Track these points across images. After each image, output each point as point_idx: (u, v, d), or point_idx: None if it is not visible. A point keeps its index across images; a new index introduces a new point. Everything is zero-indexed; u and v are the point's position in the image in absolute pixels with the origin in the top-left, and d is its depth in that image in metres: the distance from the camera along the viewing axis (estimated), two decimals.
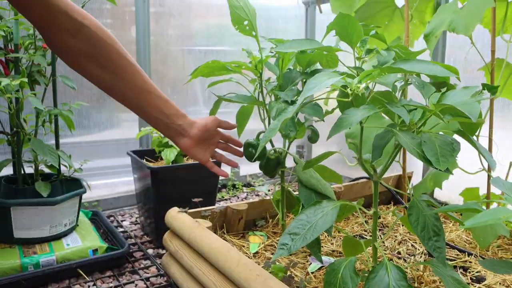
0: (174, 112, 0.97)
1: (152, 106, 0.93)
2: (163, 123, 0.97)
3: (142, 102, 0.92)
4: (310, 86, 0.72)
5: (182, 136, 1.01)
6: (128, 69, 0.88)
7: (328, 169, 1.28)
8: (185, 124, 1.00)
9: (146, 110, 0.94)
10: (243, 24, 1.05)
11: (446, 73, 0.69)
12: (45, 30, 0.79)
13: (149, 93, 0.92)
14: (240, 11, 1.02)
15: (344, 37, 0.89)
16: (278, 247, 0.82)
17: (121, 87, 0.88)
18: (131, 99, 0.91)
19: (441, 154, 0.72)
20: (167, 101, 0.96)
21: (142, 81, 0.90)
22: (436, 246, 0.80)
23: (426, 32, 1.30)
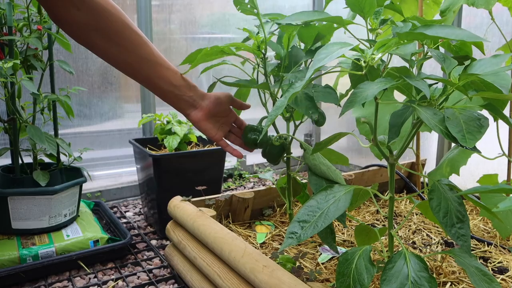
0: (184, 83, 0.94)
1: (161, 78, 0.91)
2: (173, 95, 0.94)
3: (150, 74, 0.89)
4: (320, 56, 0.65)
5: (193, 107, 0.97)
6: (135, 41, 0.85)
7: (334, 152, 1.21)
8: (196, 96, 0.96)
9: (155, 82, 0.91)
10: (244, 2, 0.98)
11: (473, 37, 0.61)
12: (49, 3, 0.77)
13: (158, 65, 0.89)
14: None
15: (356, 7, 0.81)
16: (287, 236, 0.75)
17: (128, 59, 0.86)
18: (139, 71, 0.89)
19: (467, 130, 0.64)
20: (176, 72, 0.93)
21: (149, 53, 0.88)
22: (460, 233, 0.72)
23: (442, 8, 1.21)
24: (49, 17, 0.80)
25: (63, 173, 1.53)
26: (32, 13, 1.37)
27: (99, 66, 2.02)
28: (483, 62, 0.67)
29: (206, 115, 0.98)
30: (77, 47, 1.94)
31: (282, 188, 1.25)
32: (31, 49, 1.39)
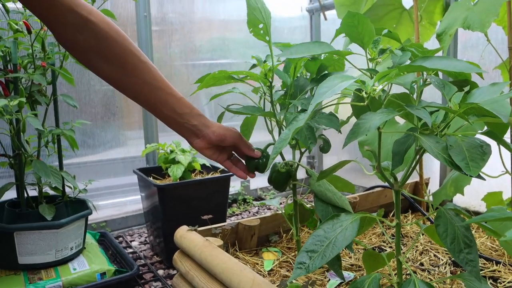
0: (188, 111, 0.93)
1: (163, 104, 0.90)
2: (176, 122, 0.93)
3: (153, 99, 0.89)
4: (322, 90, 0.67)
5: (196, 136, 0.96)
6: (137, 65, 0.86)
7: (341, 179, 1.22)
8: (200, 125, 0.95)
9: (157, 107, 0.90)
10: (258, 27, 0.99)
11: (471, 68, 0.63)
12: (52, 25, 0.79)
13: (160, 90, 0.89)
14: (257, 12, 0.97)
15: (355, 37, 0.83)
16: (295, 267, 0.75)
17: (131, 83, 0.87)
18: (141, 95, 0.89)
19: (470, 158, 0.65)
20: (180, 99, 0.92)
21: (152, 78, 0.87)
22: (468, 259, 0.73)
23: (439, 31, 1.24)
24: (55, 38, 0.81)
25: (68, 205, 1.54)
26: (36, 49, 1.40)
27: (102, 97, 2.05)
28: (482, 90, 0.69)
29: (208, 145, 0.98)
30: (80, 79, 1.97)
31: (289, 215, 1.25)
32: (35, 84, 1.41)
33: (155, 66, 0.89)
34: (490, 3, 1.12)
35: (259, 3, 0.99)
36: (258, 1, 1.00)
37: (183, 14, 2.35)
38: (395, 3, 1.69)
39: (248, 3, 0.97)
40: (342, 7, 1.83)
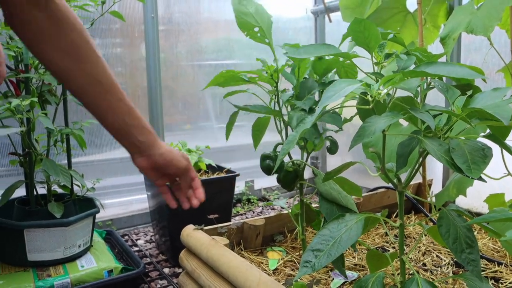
0: (136, 123, 0.81)
1: (110, 109, 0.78)
2: (120, 133, 0.81)
3: (99, 101, 0.77)
4: (329, 94, 0.69)
5: (140, 154, 0.84)
6: (90, 58, 0.75)
7: (348, 181, 1.24)
8: (147, 142, 0.83)
9: (103, 112, 0.78)
10: (253, 30, 1.01)
11: (473, 74, 0.65)
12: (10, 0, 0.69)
13: (108, 93, 0.77)
14: (249, 17, 0.99)
15: (361, 42, 0.85)
16: (301, 265, 0.77)
17: (80, 77, 0.75)
18: (88, 94, 0.77)
19: (472, 161, 0.67)
20: (131, 108, 0.80)
21: (103, 75, 0.76)
22: (470, 259, 0.75)
23: (442, 35, 1.26)
24: (4, 17, 0.72)
25: (76, 204, 1.56)
26: None
27: None
28: (485, 95, 0.71)
29: (152, 167, 0.86)
30: None
31: (295, 215, 1.27)
32: (45, 84, 1.44)
33: (107, 65, 0.79)
34: (493, 8, 1.14)
35: (252, 8, 1.01)
36: (251, 6, 1.01)
37: (190, 15, 2.37)
38: (399, 6, 1.71)
39: (234, 7, 0.99)
40: (347, 10, 1.85)
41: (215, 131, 2.52)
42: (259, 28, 1.01)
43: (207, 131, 2.50)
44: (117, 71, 2.16)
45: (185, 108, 2.41)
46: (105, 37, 2.11)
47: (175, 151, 0.88)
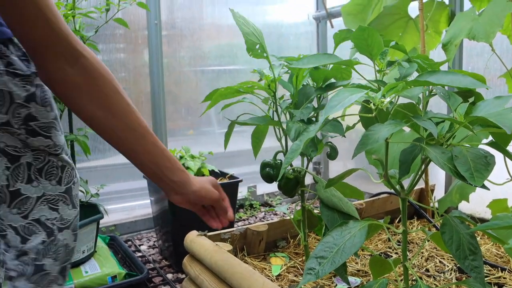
0: (170, 165, 0.87)
1: (145, 153, 0.83)
2: (154, 175, 0.86)
3: (135, 146, 0.82)
4: (333, 103, 0.69)
5: (175, 193, 0.90)
6: (123, 108, 0.80)
7: (349, 186, 1.24)
8: (180, 182, 0.89)
9: (139, 156, 0.83)
10: (255, 49, 1.03)
11: (476, 84, 0.65)
12: (41, 56, 0.73)
13: (144, 138, 0.82)
14: (252, 36, 1.00)
15: (364, 50, 0.86)
16: (305, 272, 0.78)
17: (114, 127, 0.80)
18: (123, 141, 0.82)
19: (475, 168, 0.68)
20: (164, 150, 0.86)
21: (137, 123, 0.81)
22: (473, 265, 0.75)
23: (444, 41, 1.26)
24: (39, 75, 0.76)
25: (81, 209, 1.56)
26: None
27: None
28: (488, 103, 0.71)
29: (187, 201, 0.92)
30: None
31: (298, 221, 1.28)
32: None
33: (138, 111, 0.83)
34: (494, 14, 1.15)
35: (250, 27, 1.03)
36: (248, 24, 1.03)
37: (192, 21, 2.39)
38: (401, 12, 1.72)
39: (242, 31, 1.00)
40: (349, 16, 1.86)
41: (217, 136, 2.53)
42: (259, 44, 1.03)
43: (209, 137, 2.51)
44: (121, 76, 2.17)
45: (188, 114, 2.42)
46: (109, 42, 2.12)
47: (207, 184, 0.95)
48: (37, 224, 0.84)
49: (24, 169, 0.82)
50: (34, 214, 0.83)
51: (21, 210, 0.82)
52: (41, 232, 0.84)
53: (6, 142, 0.78)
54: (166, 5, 2.29)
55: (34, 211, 0.83)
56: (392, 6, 1.70)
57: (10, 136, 0.80)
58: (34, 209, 0.83)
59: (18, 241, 0.81)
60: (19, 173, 0.81)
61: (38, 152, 0.83)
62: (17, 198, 0.82)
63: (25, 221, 0.83)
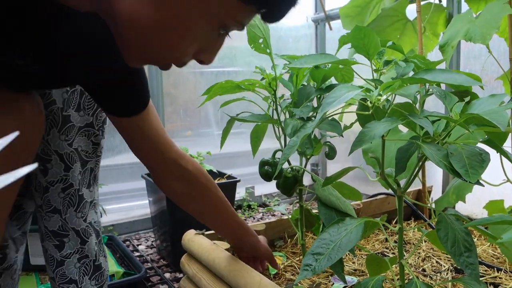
0: (244, 232, 1.15)
1: (228, 227, 1.14)
2: (234, 240, 1.18)
3: (221, 225, 1.14)
4: (329, 100, 0.70)
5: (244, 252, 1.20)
6: (218, 205, 1.06)
7: (347, 186, 1.25)
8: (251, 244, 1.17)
9: (223, 229, 1.17)
10: (258, 42, 1.04)
11: (471, 82, 0.66)
12: (155, 171, 0.96)
13: (228, 219, 1.10)
14: (256, 29, 1.01)
15: (361, 49, 0.87)
16: (302, 268, 0.79)
17: (209, 216, 1.08)
18: (213, 222, 1.13)
19: (470, 165, 0.69)
20: (241, 223, 1.14)
21: (225, 211, 1.08)
22: (468, 262, 0.76)
23: (441, 43, 1.28)
24: (153, 179, 1.00)
25: None
26: None
27: None
28: (482, 101, 0.72)
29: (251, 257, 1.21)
30: None
31: (295, 220, 1.28)
32: None
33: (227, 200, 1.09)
34: (491, 16, 1.16)
35: (257, 19, 1.03)
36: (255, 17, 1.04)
37: None
38: (399, 15, 1.73)
39: None
40: (347, 18, 1.87)
41: (216, 137, 2.53)
42: (263, 39, 1.04)
43: (208, 138, 2.52)
44: None
45: (186, 115, 2.43)
46: None
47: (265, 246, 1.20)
48: (91, 227, 0.95)
49: (88, 175, 0.94)
50: (88, 218, 0.96)
51: (82, 212, 0.93)
52: (93, 233, 0.96)
53: (82, 146, 0.91)
54: None
55: (88, 215, 0.95)
56: (390, 8, 1.72)
57: (86, 140, 0.91)
58: (89, 212, 0.95)
59: (79, 243, 0.93)
60: (85, 178, 0.92)
61: (98, 159, 0.96)
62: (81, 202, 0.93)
63: (85, 224, 0.93)
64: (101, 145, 0.98)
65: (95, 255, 0.96)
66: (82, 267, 0.93)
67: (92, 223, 0.96)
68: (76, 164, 0.90)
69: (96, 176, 0.99)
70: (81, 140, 0.92)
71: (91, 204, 0.97)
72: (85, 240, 0.93)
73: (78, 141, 0.92)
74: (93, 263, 0.95)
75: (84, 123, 0.91)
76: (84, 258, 0.93)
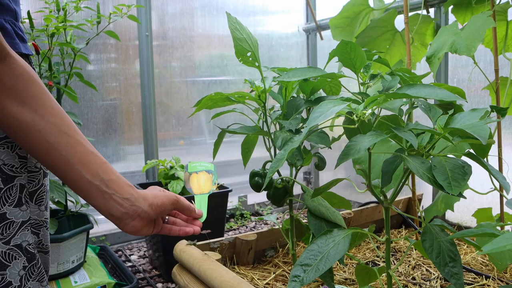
0: (116, 178, 0.70)
1: (85, 165, 0.68)
2: (99, 192, 0.68)
3: (69, 154, 0.68)
4: (315, 114, 0.72)
5: (130, 217, 0.71)
6: (53, 109, 0.68)
7: (337, 196, 1.27)
8: (133, 198, 0.71)
9: (75, 168, 0.68)
10: (246, 55, 1.05)
11: (452, 97, 0.68)
12: None
13: (80, 144, 0.68)
14: (243, 43, 1.02)
15: (347, 63, 0.89)
16: (290, 279, 0.80)
17: (44, 130, 0.67)
18: (54, 149, 0.68)
19: (453, 178, 0.70)
20: (105, 162, 0.70)
21: (71, 128, 0.69)
22: (453, 272, 0.77)
23: (428, 55, 1.30)
24: None
25: (70, 219, 1.57)
26: (43, 69, 1.45)
27: (103, 113, 2.10)
28: (464, 115, 0.74)
29: (145, 223, 0.74)
30: (83, 96, 2.03)
31: (286, 230, 1.29)
32: None
33: None
34: (475, 29, 1.19)
35: (245, 33, 1.05)
36: (243, 31, 1.05)
37: (184, 32, 2.41)
38: (387, 25, 1.76)
39: (233, 35, 1.02)
40: (337, 29, 1.90)
41: (209, 146, 2.54)
42: (251, 52, 1.05)
43: (200, 147, 2.53)
44: (112, 86, 2.19)
45: (178, 124, 2.44)
46: (100, 53, 2.14)
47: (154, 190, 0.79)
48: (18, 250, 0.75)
49: (16, 191, 0.73)
50: (16, 240, 0.74)
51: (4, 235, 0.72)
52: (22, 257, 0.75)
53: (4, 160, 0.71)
54: (157, 15, 2.32)
55: (17, 236, 0.74)
56: (379, 19, 1.74)
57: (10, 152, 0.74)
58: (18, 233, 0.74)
59: None
60: (10, 195, 0.73)
61: (34, 174, 0.77)
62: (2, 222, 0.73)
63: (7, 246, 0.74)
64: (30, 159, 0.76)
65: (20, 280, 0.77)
66: None
67: (22, 245, 0.74)
68: None
69: (34, 195, 0.78)
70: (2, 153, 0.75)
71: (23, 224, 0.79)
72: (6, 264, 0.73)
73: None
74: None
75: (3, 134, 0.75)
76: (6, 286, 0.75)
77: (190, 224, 0.86)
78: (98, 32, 1.52)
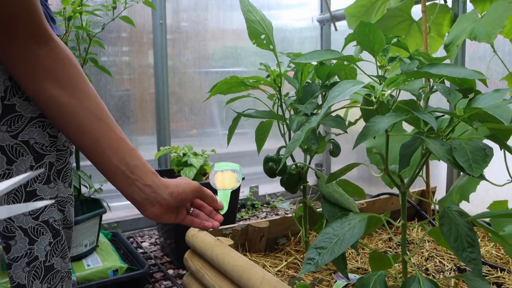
0: (141, 164, 0.72)
1: (112, 148, 0.71)
2: (124, 176, 0.72)
3: (100, 139, 0.71)
4: (334, 94, 0.71)
5: (150, 203, 0.74)
6: (89, 93, 0.71)
7: (351, 184, 1.26)
8: (155, 186, 0.73)
9: (104, 152, 0.71)
10: (260, 38, 1.04)
11: (475, 75, 0.67)
12: (9, 29, 0.64)
13: (111, 130, 0.71)
14: (257, 25, 1.02)
15: (366, 45, 0.87)
16: (305, 262, 0.79)
17: (79, 114, 0.70)
18: (87, 132, 0.71)
19: (473, 160, 0.69)
20: (132, 148, 0.73)
21: (105, 114, 0.72)
22: (471, 257, 0.76)
23: (446, 42, 1.28)
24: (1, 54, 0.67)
25: (84, 204, 1.58)
26: None
27: (117, 101, 2.11)
28: (486, 96, 0.72)
29: (165, 210, 0.77)
30: (97, 84, 2.03)
31: (299, 217, 1.29)
32: None
33: None
34: (496, 16, 1.16)
35: (258, 16, 1.04)
36: (256, 14, 1.04)
37: (197, 23, 2.41)
38: (404, 15, 1.74)
39: (245, 16, 1.01)
40: (352, 18, 1.88)
41: (221, 137, 2.54)
42: (265, 35, 1.04)
43: (212, 137, 2.53)
44: (126, 76, 2.20)
45: (191, 114, 2.44)
46: (115, 45, 2.15)
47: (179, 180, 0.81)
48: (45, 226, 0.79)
49: (45, 169, 0.77)
50: (44, 216, 0.78)
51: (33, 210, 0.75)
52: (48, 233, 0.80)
53: (36, 139, 0.75)
54: (171, 7, 2.32)
55: (44, 213, 0.78)
56: (395, 8, 1.72)
57: (41, 131, 0.76)
58: (46, 210, 0.78)
59: (26, 243, 0.78)
60: (40, 173, 0.77)
61: (62, 153, 0.81)
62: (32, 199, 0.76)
63: (35, 222, 0.78)
64: (60, 138, 0.79)
65: (46, 256, 0.81)
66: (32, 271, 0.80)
67: (49, 221, 0.79)
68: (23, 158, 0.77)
69: (61, 172, 0.81)
70: (34, 132, 0.78)
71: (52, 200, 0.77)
72: (34, 239, 0.78)
73: (28, 132, 0.79)
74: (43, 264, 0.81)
75: (37, 113, 0.75)
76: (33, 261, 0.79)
77: (212, 219, 0.88)
78: (113, 17, 1.52)
